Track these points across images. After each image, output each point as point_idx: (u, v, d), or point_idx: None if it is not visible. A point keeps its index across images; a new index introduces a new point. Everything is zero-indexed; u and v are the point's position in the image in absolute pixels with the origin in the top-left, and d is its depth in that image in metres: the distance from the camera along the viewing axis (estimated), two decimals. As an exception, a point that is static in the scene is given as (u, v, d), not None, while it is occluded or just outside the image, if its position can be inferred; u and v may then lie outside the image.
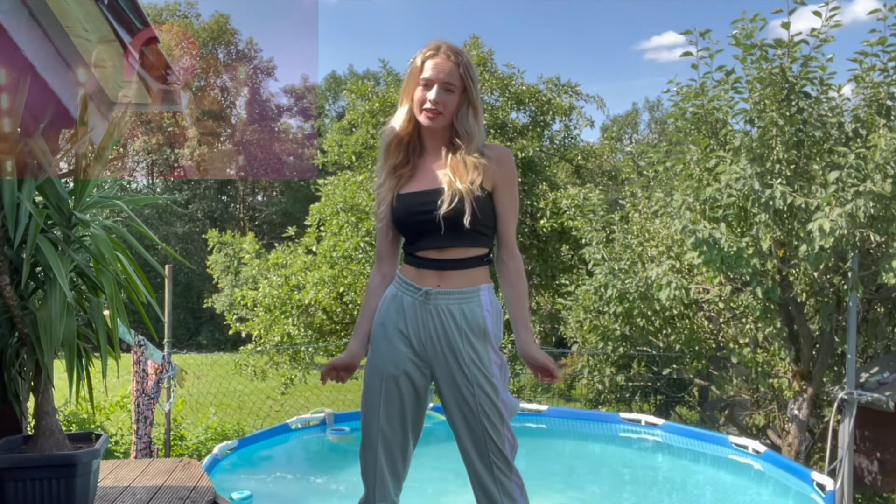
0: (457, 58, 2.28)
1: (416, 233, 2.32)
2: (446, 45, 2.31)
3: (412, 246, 2.34)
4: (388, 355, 2.32)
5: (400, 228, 2.36)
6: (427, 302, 2.29)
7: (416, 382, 2.33)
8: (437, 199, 2.25)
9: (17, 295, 2.27)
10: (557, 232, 11.34)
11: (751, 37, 5.75)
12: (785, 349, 6.49)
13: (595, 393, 9.10)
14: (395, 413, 2.33)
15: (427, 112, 2.27)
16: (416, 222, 2.29)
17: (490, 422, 2.28)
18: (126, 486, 2.77)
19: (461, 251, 2.30)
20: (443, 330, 2.28)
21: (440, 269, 2.29)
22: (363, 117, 12.04)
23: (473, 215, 2.23)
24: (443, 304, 2.28)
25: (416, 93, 2.29)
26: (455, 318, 2.28)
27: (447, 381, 2.30)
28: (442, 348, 2.28)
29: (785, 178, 5.53)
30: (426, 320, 2.29)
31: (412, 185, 2.33)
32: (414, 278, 2.31)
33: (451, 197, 2.23)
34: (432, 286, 2.29)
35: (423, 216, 2.27)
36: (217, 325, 24.32)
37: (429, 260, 2.30)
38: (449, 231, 2.26)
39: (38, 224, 2.17)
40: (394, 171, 2.35)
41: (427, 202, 2.27)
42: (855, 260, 5.72)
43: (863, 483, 6.13)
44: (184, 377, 6.48)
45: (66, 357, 2.27)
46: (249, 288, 12.56)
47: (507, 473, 2.31)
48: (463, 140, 2.30)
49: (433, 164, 2.34)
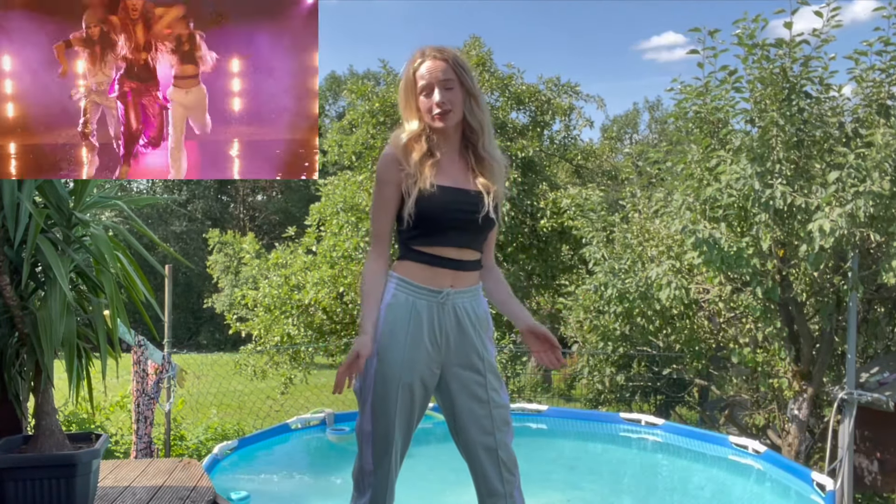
0: (444, 55, 2.30)
1: (444, 229, 2.28)
2: (429, 48, 2.33)
3: (427, 241, 2.29)
4: (401, 364, 2.27)
5: (425, 221, 2.27)
6: (446, 303, 2.29)
7: (427, 385, 2.34)
8: (477, 200, 2.28)
9: (17, 295, 2.27)
10: (557, 232, 11.33)
11: (753, 36, 5.76)
12: (785, 349, 6.49)
13: (595, 393, 9.11)
14: (406, 420, 2.33)
15: (438, 115, 2.28)
16: (453, 219, 2.27)
17: (501, 416, 2.33)
18: (126, 486, 2.77)
19: (473, 253, 2.35)
20: (460, 327, 2.31)
21: (457, 269, 2.30)
22: (363, 117, 12.03)
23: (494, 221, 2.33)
24: (459, 302, 2.31)
25: (420, 103, 2.30)
26: (469, 316, 2.32)
27: (461, 377, 2.33)
28: (459, 345, 2.32)
29: (785, 178, 5.53)
30: (443, 320, 2.29)
31: (444, 179, 2.30)
32: (428, 280, 2.28)
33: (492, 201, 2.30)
34: (447, 286, 2.29)
35: (464, 215, 2.27)
36: (217, 324, 24.35)
37: (447, 259, 2.29)
38: (474, 233, 2.32)
39: (38, 224, 2.18)
40: (422, 162, 2.27)
41: (468, 202, 2.29)
42: (855, 260, 5.72)
43: (863, 483, 6.13)
44: (184, 377, 6.49)
45: (66, 357, 2.28)
46: (249, 288, 12.57)
47: (512, 471, 2.35)
48: (477, 132, 2.33)
49: (452, 164, 2.35)
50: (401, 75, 2.40)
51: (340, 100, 36.15)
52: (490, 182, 2.31)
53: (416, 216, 2.26)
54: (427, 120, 2.31)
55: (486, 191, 2.30)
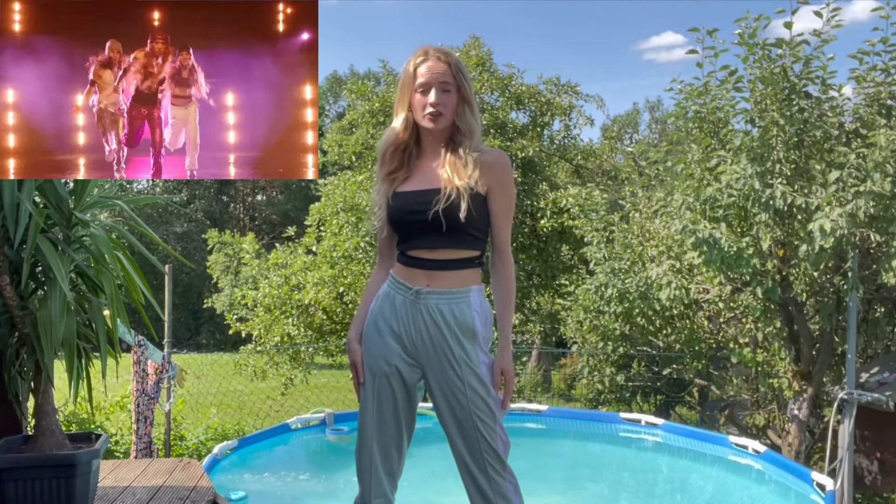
0: (447, 58, 2.33)
1: (409, 232, 2.34)
2: (433, 48, 2.36)
3: (404, 245, 2.37)
4: (379, 352, 2.35)
5: (394, 227, 2.39)
6: (417, 301, 2.31)
7: (406, 380, 2.36)
8: (433, 198, 2.27)
9: (18, 295, 2.28)
10: (558, 232, 11.34)
11: (754, 35, 5.75)
12: (785, 349, 6.50)
13: (595, 393, 9.13)
14: (389, 410, 2.35)
15: (430, 115, 2.31)
16: (411, 221, 2.32)
17: (482, 420, 2.30)
18: (126, 486, 2.78)
19: (452, 252, 2.32)
20: (435, 328, 2.30)
21: (430, 269, 2.32)
22: (363, 117, 12.04)
23: (468, 212, 2.25)
24: (433, 303, 2.31)
25: (414, 100, 2.33)
26: (445, 318, 2.30)
27: (438, 379, 2.32)
28: (433, 347, 2.31)
29: (785, 177, 5.53)
30: (417, 319, 2.31)
31: (408, 185, 2.36)
32: (405, 277, 2.35)
33: (447, 194, 2.26)
34: (422, 286, 2.31)
35: (418, 215, 2.29)
36: (217, 324, 24.37)
37: (420, 259, 2.33)
38: (442, 231, 2.28)
39: (38, 224, 2.18)
40: (388, 176, 2.38)
41: (422, 201, 2.29)
42: (855, 260, 5.72)
43: (863, 483, 6.14)
44: (184, 377, 6.48)
45: (65, 357, 2.29)
46: (249, 288, 12.57)
47: (501, 472, 2.32)
48: (464, 136, 2.34)
49: (432, 164, 2.37)
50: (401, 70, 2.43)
51: (341, 100, 36.16)
52: (454, 176, 2.28)
53: (389, 223, 2.39)
54: (417, 117, 2.34)
55: (447, 185, 2.28)
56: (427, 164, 2.38)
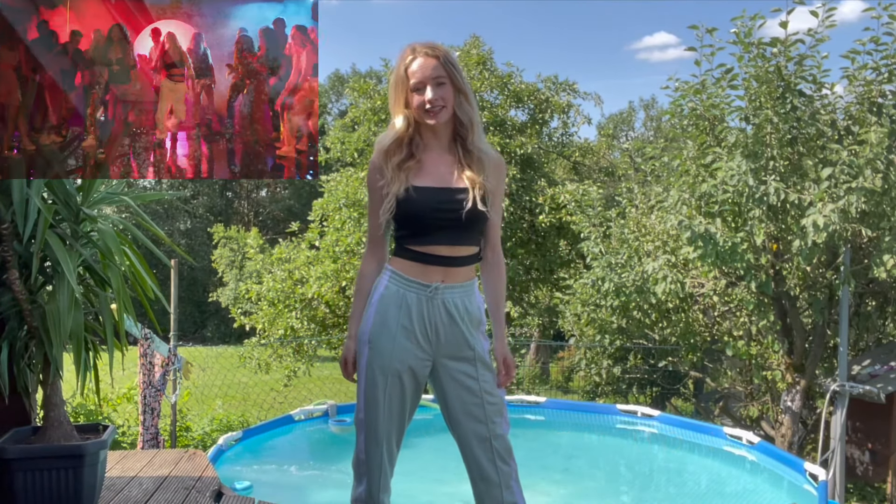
0: (434, 52, 2.32)
1: (431, 228, 2.31)
2: (419, 45, 2.35)
3: (417, 240, 2.33)
4: (391, 354, 2.32)
5: (409, 221, 2.32)
6: (435, 297, 2.32)
7: (418, 375, 2.37)
8: (460, 196, 2.29)
9: (27, 289, 2.32)
10: (555, 227, 11.37)
11: (750, 34, 5.80)
12: (778, 342, 6.55)
13: (592, 385, 9.14)
14: (398, 407, 2.36)
15: (430, 112, 2.30)
16: (437, 218, 2.29)
17: (493, 406, 2.35)
18: (133, 476, 2.83)
19: (468, 249, 2.36)
20: (451, 321, 2.34)
21: (448, 265, 2.32)
22: (365, 115, 12.07)
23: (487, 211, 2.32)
24: (449, 297, 2.33)
25: (412, 100, 2.32)
26: (459, 310, 2.34)
27: (451, 369, 2.36)
28: (449, 339, 2.34)
29: (779, 174, 5.59)
30: (433, 314, 2.32)
31: (425, 180, 2.33)
32: (417, 275, 2.32)
33: (475, 194, 2.29)
34: (438, 282, 2.32)
35: (447, 213, 2.29)
36: (222, 318, 24.39)
37: (438, 256, 2.31)
38: (465, 229, 2.32)
39: (46, 220, 2.22)
40: (399, 167, 2.32)
41: (450, 200, 2.29)
42: (847, 255, 5.78)
43: (854, 473, 6.20)
44: (189, 369, 6.54)
45: (73, 350, 2.32)
46: (254, 282, 12.59)
47: (507, 460, 2.36)
48: (467, 129, 2.35)
49: (440, 159, 2.37)
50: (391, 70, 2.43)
51: (343, 98, 36.07)
52: (476, 175, 2.32)
53: (401, 218, 2.32)
54: (418, 116, 2.33)
55: (472, 185, 2.30)
56: (437, 159, 2.37)
